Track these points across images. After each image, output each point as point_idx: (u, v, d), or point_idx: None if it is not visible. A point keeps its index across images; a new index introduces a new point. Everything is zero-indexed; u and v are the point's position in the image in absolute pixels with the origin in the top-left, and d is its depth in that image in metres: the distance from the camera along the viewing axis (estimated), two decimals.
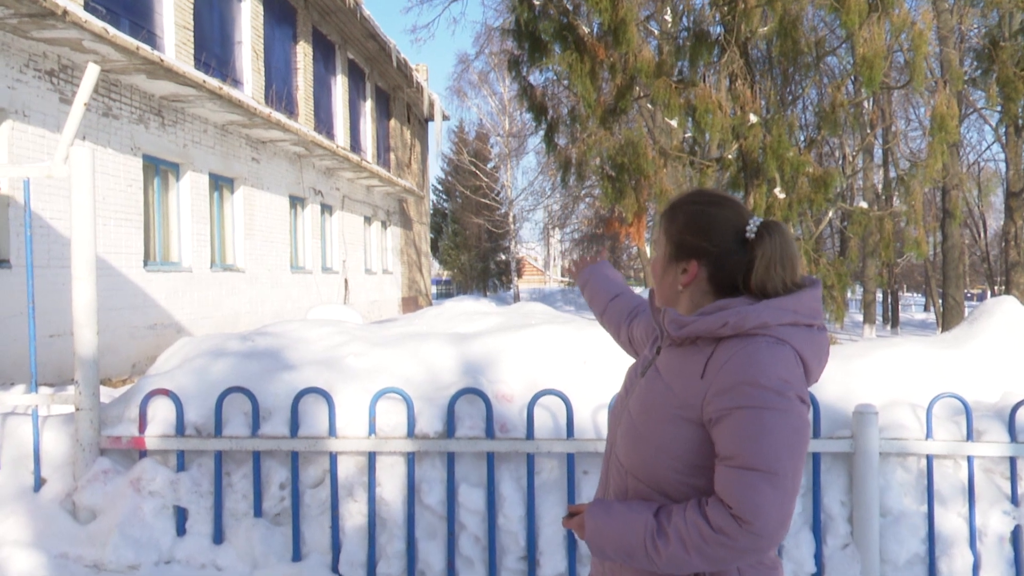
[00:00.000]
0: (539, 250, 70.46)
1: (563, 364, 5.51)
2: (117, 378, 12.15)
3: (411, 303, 31.24)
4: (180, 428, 5.15)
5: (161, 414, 5.23)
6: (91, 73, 5.23)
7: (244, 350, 5.71)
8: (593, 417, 5.23)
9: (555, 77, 14.30)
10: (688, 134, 19.73)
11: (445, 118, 35.83)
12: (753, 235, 2.14)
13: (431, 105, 31.67)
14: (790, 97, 17.93)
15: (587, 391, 5.35)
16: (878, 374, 5.40)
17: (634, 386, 2.29)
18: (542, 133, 14.37)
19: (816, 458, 4.89)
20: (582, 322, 6.27)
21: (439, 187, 64.82)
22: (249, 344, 5.85)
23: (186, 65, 13.39)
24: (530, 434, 5.02)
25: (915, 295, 68.25)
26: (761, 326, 2.04)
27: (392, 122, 29.63)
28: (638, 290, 45.18)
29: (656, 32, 14.45)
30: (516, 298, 48.03)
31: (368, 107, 26.49)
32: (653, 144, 13.86)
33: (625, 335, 2.76)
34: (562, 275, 72.75)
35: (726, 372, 2.01)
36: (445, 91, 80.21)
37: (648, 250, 31.14)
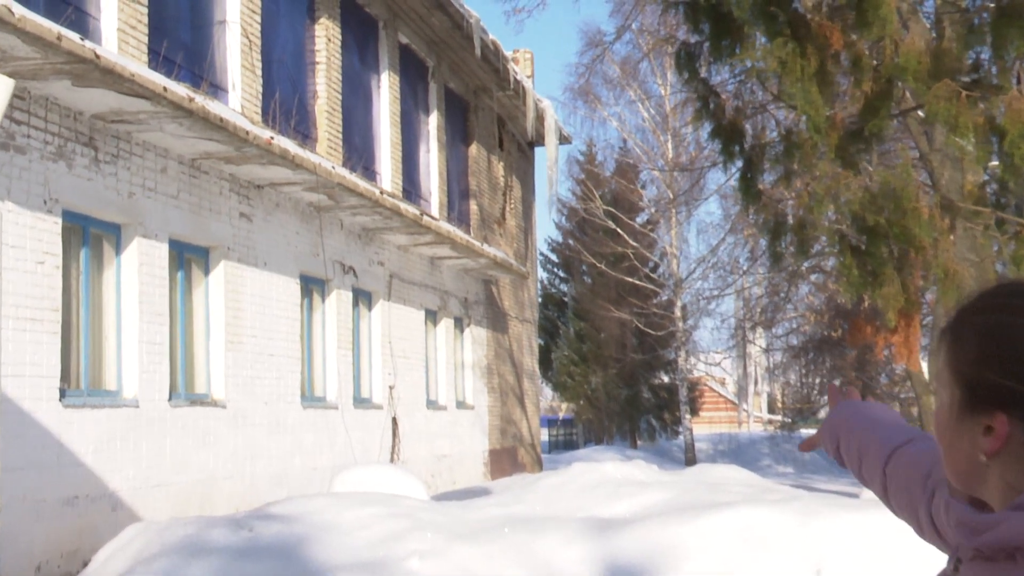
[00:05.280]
0: (729, 366, 69.97)
1: (780, 573, 5.59)
2: None
3: (507, 460, 31.39)
4: None
5: None
6: (2, 90, 5.68)
7: (238, 544, 5.96)
8: None
9: (758, 79, 14.47)
10: (994, 165, 19.66)
11: (564, 140, 36.38)
12: None
13: (540, 118, 32.21)
14: None
15: None
16: None
17: None
18: (734, 170, 14.56)
19: None
20: (809, 499, 6.34)
21: (552, 257, 65.37)
22: (246, 534, 6.10)
23: (136, 63, 14.06)
24: None
25: None
26: None
27: (474, 148, 30.24)
28: None
29: (931, 2, 14.59)
30: (690, 452, 47.71)
31: (433, 124, 27.14)
32: (931, 190, 13.82)
33: (928, 521, 2.66)
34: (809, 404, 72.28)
35: None
36: (563, 95, 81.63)
37: (925, 371, 30.67)
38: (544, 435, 57.24)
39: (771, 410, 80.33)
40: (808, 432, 58.10)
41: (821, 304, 46.16)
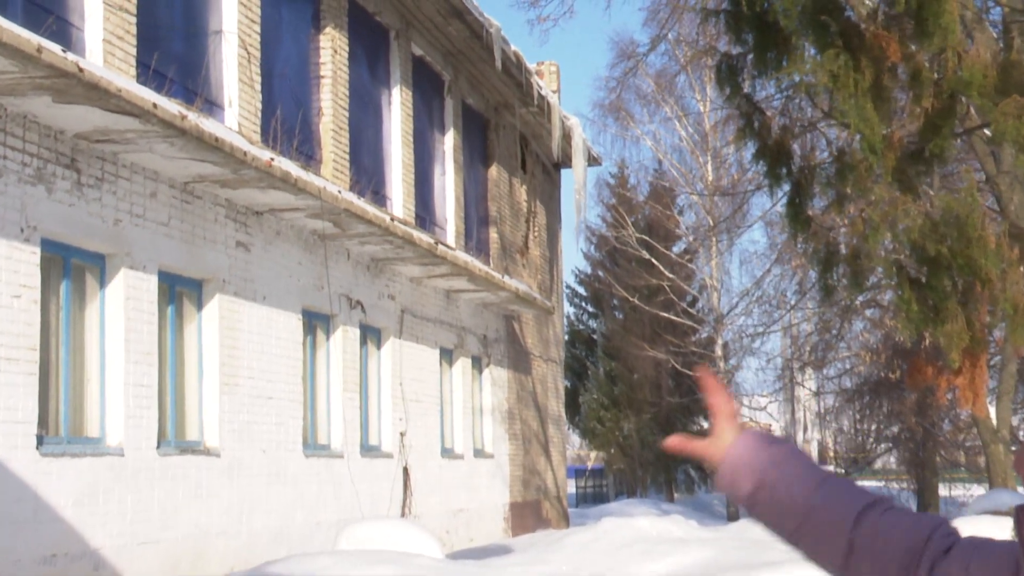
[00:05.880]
0: (775, 411, 69.83)
1: None
2: None
3: (530, 515, 31.30)
4: None
5: None
6: None
7: None
8: None
9: (807, 95, 14.47)
10: None
11: (594, 162, 36.38)
12: None
13: (567, 137, 32.23)
14: None
15: None
16: None
17: None
18: (781, 194, 14.53)
19: None
20: None
21: (580, 291, 65.32)
22: None
23: (124, 77, 14.08)
24: None
25: None
26: None
27: (494, 170, 30.26)
28: (977, 493, 43.73)
29: (998, 9, 14.60)
30: (732, 506, 47.50)
31: (449, 144, 27.17)
32: (998, 216, 13.75)
33: None
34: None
35: None
36: (592, 111, 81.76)
37: (993, 417, 30.47)
38: (571, 487, 57.10)
39: (822, 459, 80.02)
40: (869, 484, 57.62)
41: (877, 342, 46.02)
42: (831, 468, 2.62)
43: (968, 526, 14.13)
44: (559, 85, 34.43)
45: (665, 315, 48.96)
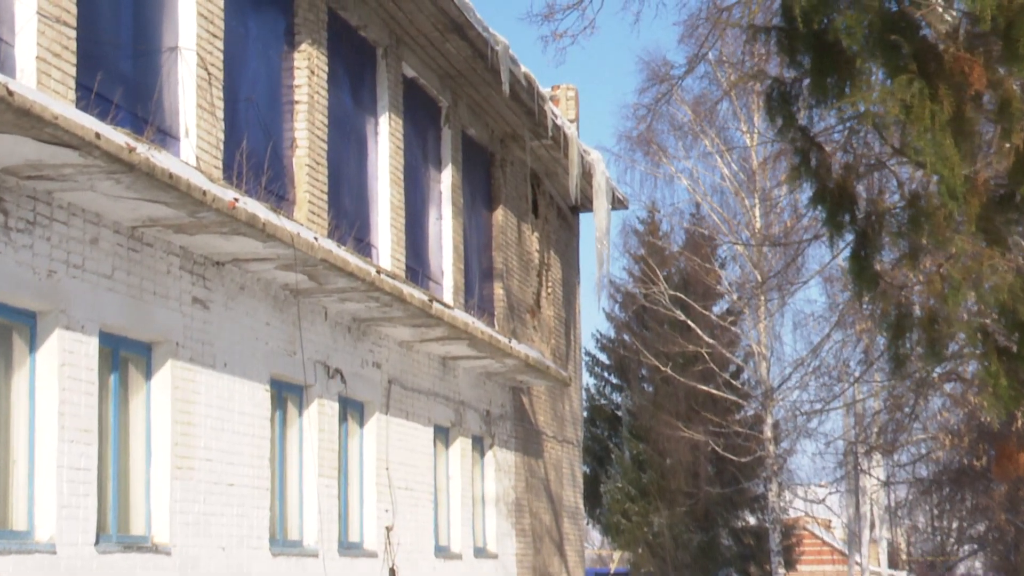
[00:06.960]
0: (836, 504, 69.64)
1: None
2: None
3: None
4: None
5: None
6: None
7: None
8: None
9: (874, 128, 14.52)
10: None
11: (619, 204, 36.41)
12: None
13: (587, 175, 32.27)
14: None
15: None
16: None
17: None
18: (843, 245, 14.57)
19: None
20: None
21: (602, 358, 65.26)
22: None
23: (61, 102, 14.12)
24: None
25: None
26: None
27: (499, 214, 30.29)
28: None
29: None
30: None
31: (447, 182, 27.20)
32: None
33: None
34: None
35: None
36: (618, 144, 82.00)
37: None
38: None
39: (893, 563, 79.81)
40: None
41: (959, 423, 45.94)
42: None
43: None
44: (578, 113, 34.55)
45: (704, 388, 48.94)
